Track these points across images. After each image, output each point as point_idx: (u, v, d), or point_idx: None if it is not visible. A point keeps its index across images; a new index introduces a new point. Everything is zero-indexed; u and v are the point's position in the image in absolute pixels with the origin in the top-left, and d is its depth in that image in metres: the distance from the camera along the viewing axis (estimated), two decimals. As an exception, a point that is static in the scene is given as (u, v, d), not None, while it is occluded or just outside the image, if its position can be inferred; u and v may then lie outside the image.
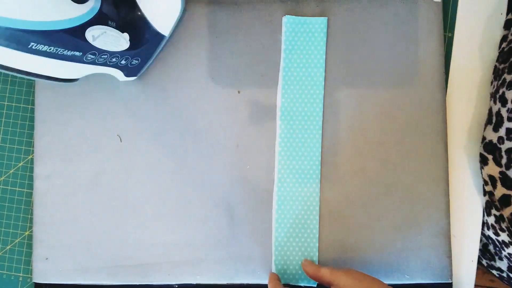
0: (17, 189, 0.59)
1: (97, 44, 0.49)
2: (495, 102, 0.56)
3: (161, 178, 0.57)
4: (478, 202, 0.58)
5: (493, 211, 0.56)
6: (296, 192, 0.56)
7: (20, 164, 0.59)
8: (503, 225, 0.55)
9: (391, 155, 0.57)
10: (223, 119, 0.58)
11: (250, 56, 0.58)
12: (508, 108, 0.53)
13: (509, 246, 0.55)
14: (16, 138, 0.59)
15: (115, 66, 0.53)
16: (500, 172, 0.54)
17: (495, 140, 0.55)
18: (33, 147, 0.59)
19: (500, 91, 0.55)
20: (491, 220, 0.56)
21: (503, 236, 0.55)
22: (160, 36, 0.56)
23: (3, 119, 0.60)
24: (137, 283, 0.57)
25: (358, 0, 0.58)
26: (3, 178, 0.59)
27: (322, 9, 0.58)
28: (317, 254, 0.56)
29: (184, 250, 0.57)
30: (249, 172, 0.57)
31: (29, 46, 0.44)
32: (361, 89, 0.57)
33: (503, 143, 0.54)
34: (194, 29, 0.58)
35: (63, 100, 0.58)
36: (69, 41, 0.47)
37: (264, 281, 0.56)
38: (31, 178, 0.59)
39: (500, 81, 0.56)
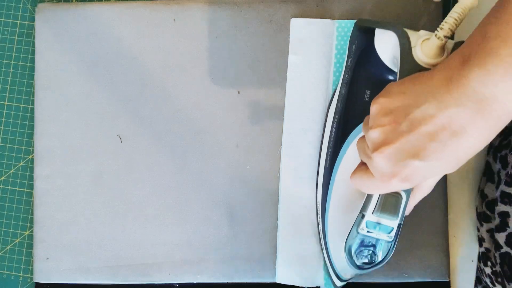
0: (17, 189, 0.59)
1: None
2: (495, 160, 0.53)
3: (161, 178, 0.57)
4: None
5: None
6: (299, 191, 0.57)
7: (20, 164, 0.59)
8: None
9: (391, 155, 0.57)
10: (223, 119, 0.58)
11: (250, 56, 0.58)
12: (508, 173, 0.50)
13: None
14: (16, 138, 0.59)
15: None
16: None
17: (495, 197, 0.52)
18: (33, 147, 0.59)
19: (503, 152, 0.52)
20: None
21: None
22: None
23: (3, 119, 0.59)
24: (138, 283, 0.57)
25: (359, 1, 0.58)
26: (3, 178, 0.59)
27: (322, 9, 0.58)
28: (320, 254, 0.56)
29: (184, 250, 0.57)
30: (249, 172, 0.57)
31: None
32: (361, 89, 0.57)
33: (497, 205, 0.51)
34: (194, 29, 0.58)
35: (63, 100, 0.58)
36: None
37: (264, 280, 0.57)
38: (31, 178, 0.59)
39: (506, 142, 0.53)
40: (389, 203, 0.44)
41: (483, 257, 0.55)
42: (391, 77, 0.51)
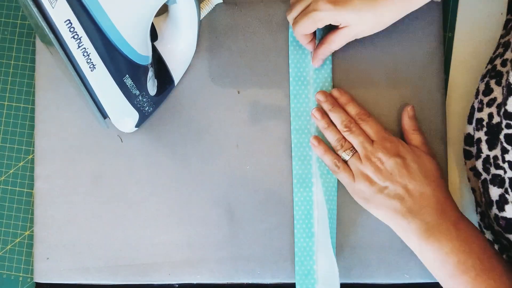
0: (17, 189, 0.59)
1: (148, 86, 0.50)
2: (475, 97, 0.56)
3: (161, 178, 0.57)
4: (477, 202, 0.58)
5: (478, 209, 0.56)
6: (299, 193, 0.57)
7: (20, 164, 0.59)
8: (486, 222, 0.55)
9: (391, 155, 0.57)
10: (223, 119, 0.58)
11: (250, 56, 0.58)
12: (480, 100, 0.52)
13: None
14: (16, 138, 0.59)
15: (140, 111, 0.53)
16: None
17: (472, 132, 0.54)
18: (33, 147, 0.59)
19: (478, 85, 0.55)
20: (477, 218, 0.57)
21: (487, 235, 0.55)
22: (172, 85, 0.56)
23: (3, 119, 0.60)
24: (138, 283, 0.57)
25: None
26: (3, 178, 0.59)
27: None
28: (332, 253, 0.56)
29: (184, 250, 0.57)
30: (249, 172, 0.57)
31: (123, 78, 0.46)
32: (361, 89, 0.57)
33: (474, 133, 0.53)
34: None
35: (63, 100, 0.58)
36: (142, 77, 0.48)
37: (264, 280, 0.57)
38: (31, 178, 0.59)
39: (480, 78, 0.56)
40: None
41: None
42: None
